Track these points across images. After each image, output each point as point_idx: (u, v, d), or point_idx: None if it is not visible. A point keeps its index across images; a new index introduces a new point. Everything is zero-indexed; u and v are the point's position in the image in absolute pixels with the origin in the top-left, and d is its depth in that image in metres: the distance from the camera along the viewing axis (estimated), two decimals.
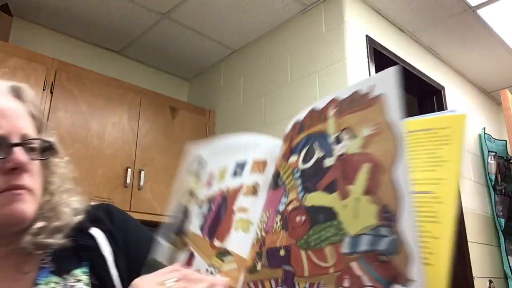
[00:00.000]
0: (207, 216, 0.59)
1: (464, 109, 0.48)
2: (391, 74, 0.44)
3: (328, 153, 0.47)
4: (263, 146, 0.61)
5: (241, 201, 0.57)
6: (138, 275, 0.65)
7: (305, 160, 0.50)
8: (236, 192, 0.58)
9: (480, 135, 3.26)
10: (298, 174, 0.50)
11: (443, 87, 2.93)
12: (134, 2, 2.45)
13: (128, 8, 2.51)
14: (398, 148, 0.40)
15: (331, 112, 0.49)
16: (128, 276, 0.69)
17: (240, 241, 0.54)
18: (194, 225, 0.60)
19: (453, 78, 3.17)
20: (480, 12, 2.55)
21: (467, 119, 0.46)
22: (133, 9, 2.51)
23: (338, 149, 0.46)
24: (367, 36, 2.39)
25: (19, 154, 0.62)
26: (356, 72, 2.24)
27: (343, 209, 0.43)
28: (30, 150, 0.65)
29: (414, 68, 2.68)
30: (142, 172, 2.49)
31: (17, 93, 0.69)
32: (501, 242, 3.04)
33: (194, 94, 3.29)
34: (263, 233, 0.51)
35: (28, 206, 0.63)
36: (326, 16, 2.42)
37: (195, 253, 0.58)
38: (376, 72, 2.37)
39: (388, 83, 0.44)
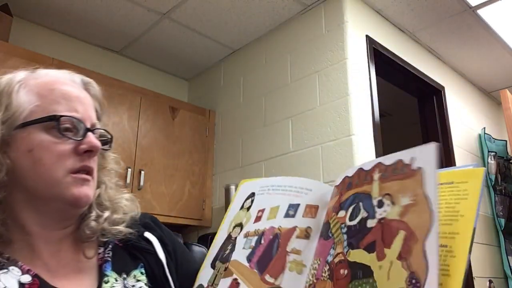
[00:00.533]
0: (256, 249, 0.63)
1: (479, 165, 0.51)
2: (431, 149, 0.49)
3: (371, 215, 0.53)
4: (315, 192, 0.65)
5: (294, 243, 0.61)
6: (183, 284, 0.69)
7: (351, 218, 0.55)
8: (289, 232, 0.62)
9: (480, 135, 3.26)
10: (344, 230, 0.55)
11: (443, 87, 2.93)
12: (134, 2, 2.45)
13: (128, 8, 2.51)
14: (432, 221, 0.45)
15: (376, 175, 0.55)
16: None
17: (294, 282, 0.58)
18: (239, 255, 0.64)
19: (453, 78, 3.17)
20: (480, 12, 2.55)
21: (484, 173, 0.50)
22: (133, 9, 2.51)
23: (379, 213, 0.52)
24: (367, 36, 2.39)
25: (94, 138, 0.66)
26: (356, 72, 2.24)
27: (379, 270, 0.48)
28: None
29: (414, 68, 2.68)
30: (142, 172, 2.49)
31: (86, 87, 0.73)
32: (501, 242, 3.04)
33: (194, 94, 3.29)
34: (314, 279, 0.56)
35: (91, 191, 0.66)
36: (326, 16, 2.42)
37: (241, 282, 0.61)
38: (376, 72, 2.38)
39: (428, 158, 0.49)
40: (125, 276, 0.66)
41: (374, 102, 2.28)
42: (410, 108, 3.30)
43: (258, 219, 0.67)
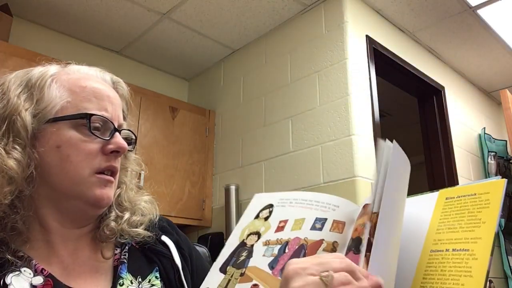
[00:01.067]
0: (280, 257, 0.63)
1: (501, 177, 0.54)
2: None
3: None
4: (342, 209, 0.66)
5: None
6: None
7: None
8: (316, 244, 0.63)
9: (480, 135, 3.26)
10: None
11: (443, 87, 2.93)
12: (134, 2, 2.45)
13: (128, 8, 2.51)
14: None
15: None
16: None
17: None
18: (259, 262, 0.63)
19: (453, 78, 3.17)
20: (480, 12, 2.55)
21: (505, 184, 0.54)
22: (133, 9, 2.51)
23: None
24: (367, 36, 2.39)
25: (121, 139, 0.66)
26: (356, 72, 2.24)
27: None
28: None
29: (414, 68, 2.68)
30: (142, 172, 2.49)
31: (115, 86, 0.74)
32: (501, 242, 3.04)
33: (194, 94, 3.29)
34: None
35: (113, 193, 0.66)
36: (326, 16, 2.42)
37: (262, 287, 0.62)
38: (376, 72, 2.38)
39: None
40: (140, 280, 0.66)
41: (374, 102, 2.28)
42: (410, 108, 3.30)
43: (280, 229, 0.67)
